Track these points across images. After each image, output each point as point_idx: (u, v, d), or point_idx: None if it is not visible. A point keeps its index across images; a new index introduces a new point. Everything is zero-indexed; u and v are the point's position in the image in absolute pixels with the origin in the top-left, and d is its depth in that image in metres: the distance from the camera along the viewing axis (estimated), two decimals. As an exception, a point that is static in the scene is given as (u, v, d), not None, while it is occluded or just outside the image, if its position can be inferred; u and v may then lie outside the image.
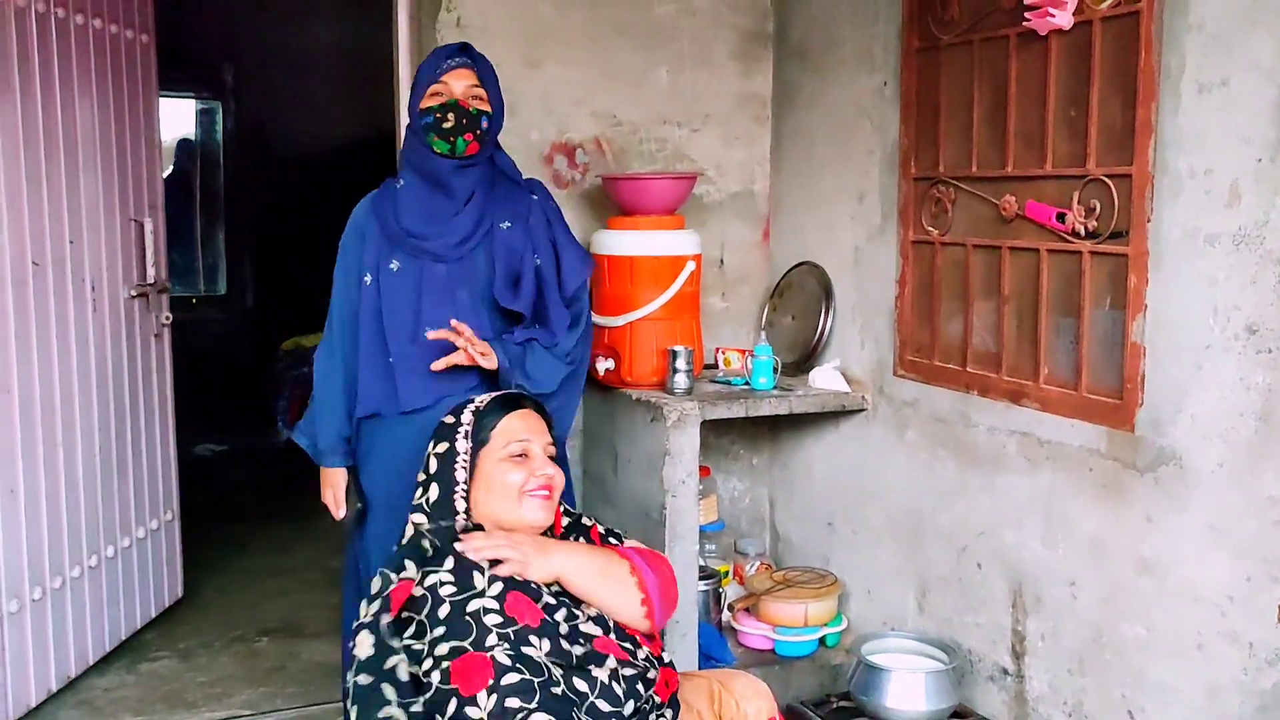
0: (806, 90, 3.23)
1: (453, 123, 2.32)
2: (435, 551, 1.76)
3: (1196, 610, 2.07)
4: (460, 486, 1.87)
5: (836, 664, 2.92)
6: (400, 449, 2.31)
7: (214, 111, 6.62)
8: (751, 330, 3.43)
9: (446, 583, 1.71)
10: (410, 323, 2.33)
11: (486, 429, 1.88)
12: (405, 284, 2.35)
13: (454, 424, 1.91)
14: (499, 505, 1.85)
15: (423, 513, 1.87)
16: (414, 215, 2.37)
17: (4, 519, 2.78)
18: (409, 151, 2.42)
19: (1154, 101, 2.09)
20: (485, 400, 1.94)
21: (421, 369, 2.31)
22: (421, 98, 2.35)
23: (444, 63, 2.36)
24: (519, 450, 1.87)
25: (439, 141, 2.33)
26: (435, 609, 1.68)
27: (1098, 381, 2.26)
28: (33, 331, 2.88)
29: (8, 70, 2.77)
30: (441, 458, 1.89)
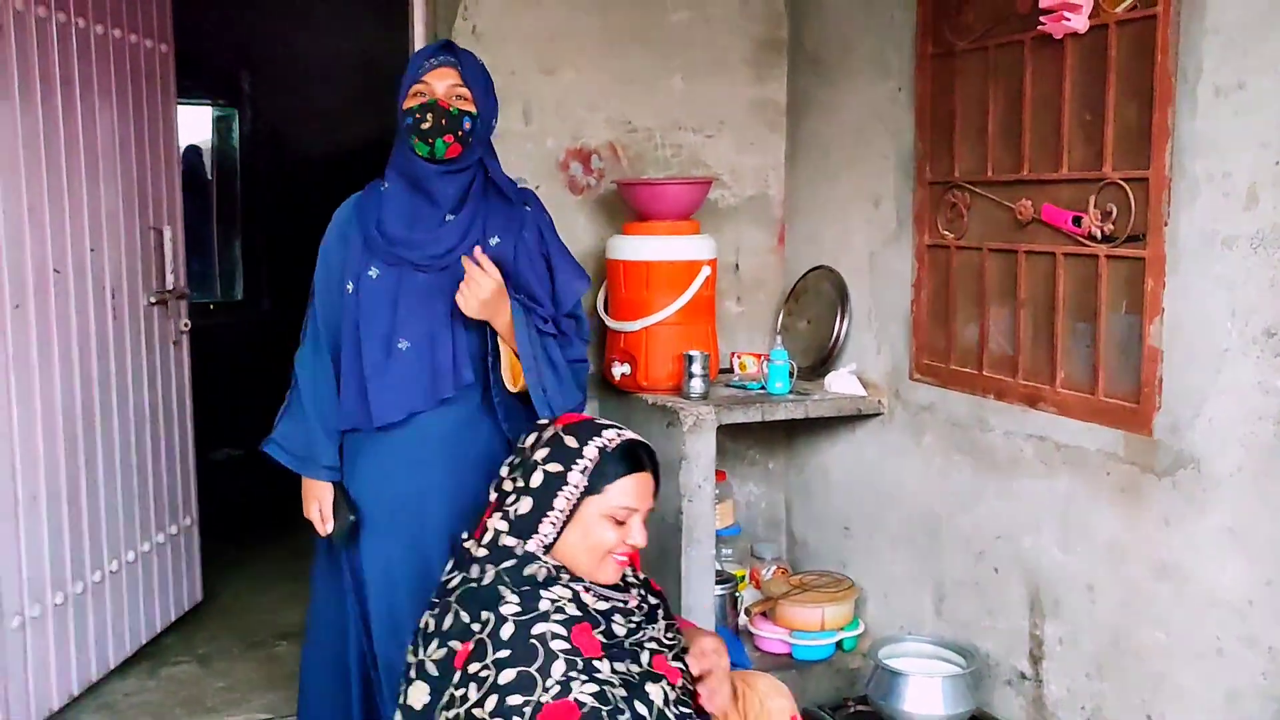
0: (821, 96, 3.24)
1: (430, 123, 2.18)
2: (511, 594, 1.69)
3: (1216, 614, 2.07)
4: (557, 514, 1.78)
5: (853, 668, 2.92)
6: (384, 464, 2.24)
7: (230, 118, 6.66)
8: (767, 335, 3.43)
9: (509, 601, 1.67)
10: (385, 334, 2.20)
11: (606, 478, 1.79)
12: (383, 292, 2.22)
13: (575, 450, 1.81)
14: (581, 554, 1.79)
15: (506, 520, 1.80)
16: (395, 221, 2.24)
17: (26, 525, 2.80)
18: (395, 153, 2.29)
19: (1171, 105, 2.08)
20: (615, 443, 1.82)
21: (394, 383, 2.19)
22: (405, 97, 2.22)
23: (425, 61, 2.23)
24: (623, 516, 1.81)
25: (419, 144, 2.19)
26: (498, 629, 1.64)
27: (1115, 385, 2.26)
28: (54, 338, 2.91)
29: (29, 79, 2.80)
30: (550, 477, 1.79)
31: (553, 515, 1.78)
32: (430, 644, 1.70)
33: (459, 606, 1.70)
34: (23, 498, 2.79)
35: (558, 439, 1.83)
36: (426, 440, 2.23)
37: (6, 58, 2.72)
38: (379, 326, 2.21)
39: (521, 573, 1.72)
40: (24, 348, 2.79)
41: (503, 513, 1.81)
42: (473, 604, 1.69)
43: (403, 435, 2.22)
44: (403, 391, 2.20)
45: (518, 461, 1.87)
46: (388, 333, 2.21)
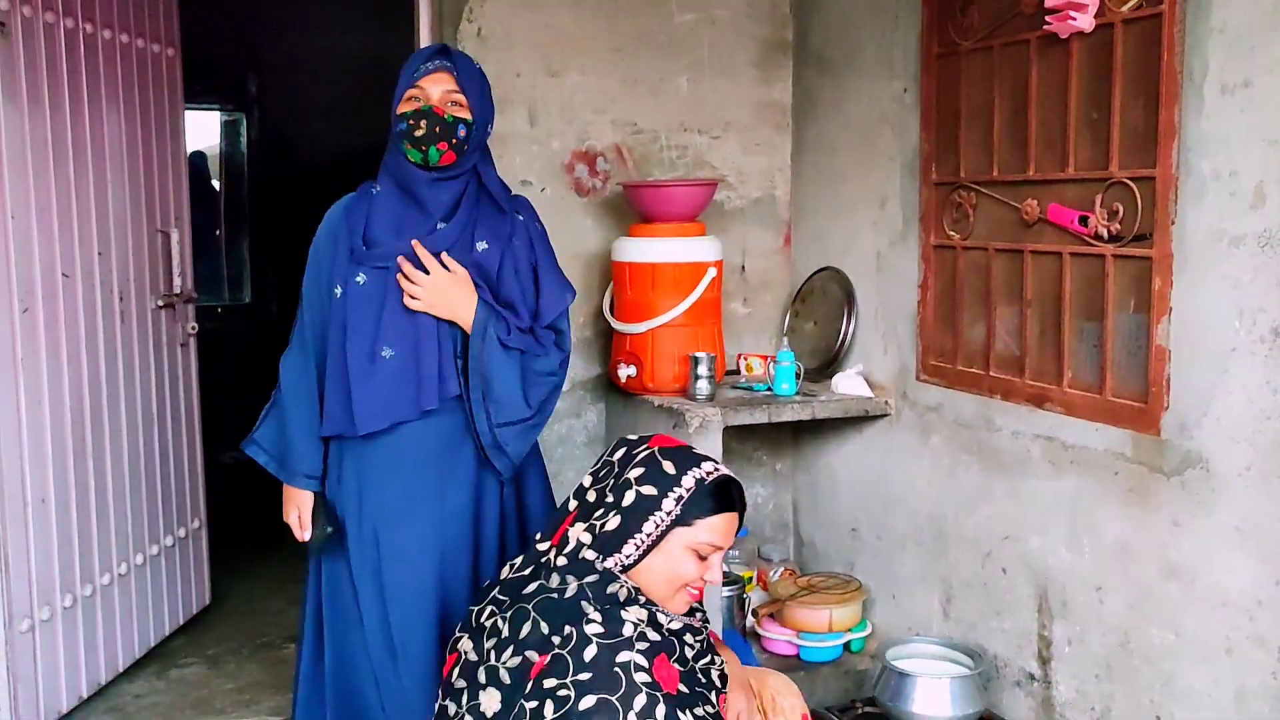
0: (827, 97, 3.24)
1: (424, 130, 2.13)
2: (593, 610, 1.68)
3: (1224, 614, 2.06)
4: (642, 538, 1.75)
5: (861, 669, 2.92)
6: (367, 473, 2.20)
7: (238, 122, 6.68)
8: (773, 336, 3.43)
9: (593, 620, 1.64)
10: (369, 341, 2.15)
11: (698, 511, 1.76)
12: (369, 299, 2.17)
13: (672, 477, 1.77)
14: (659, 582, 1.76)
15: (591, 533, 1.76)
16: (383, 227, 2.20)
17: (35, 527, 2.81)
18: (387, 156, 2.23)
19: (1177, 103, 2.08)
20: (712, 476, 1.79)
21: (377, 392, 2.14)
22: (399, 102, 2.17)
23: (421, 66, 2.17)
24: (706, 552, 1.79)
25: (411, 150, 2.14)
26: (580, 649, 1.61)
27: (1122, 385, 2.25)
28: (62, 342, 2.92)
29: (37, 84, 2.81)
30: (642, 499, 1.75)
31: (638, 538, 1.74)
32: (505, 650, 1.65)
33: (538, 615, 1.65)
34: (32, 500, 2.80)
35: (654, 460, 1.79)
36: (411, 451, 2.19)
37: (15, 62, 2.73)
38: (364, 333, 2.16)
39: (605, 590, 1.69)
40: (32, 351, 2.80)
41: (588, 525, 1.77)
42: (554, 616, 1.65)
43: (387, 444, 2.18)
44: (387, 400, 2.14)
45: (604, 473, 1.83)
46: (372, 340, 2.15)
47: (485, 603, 1.81)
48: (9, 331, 2.72)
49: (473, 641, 1.76)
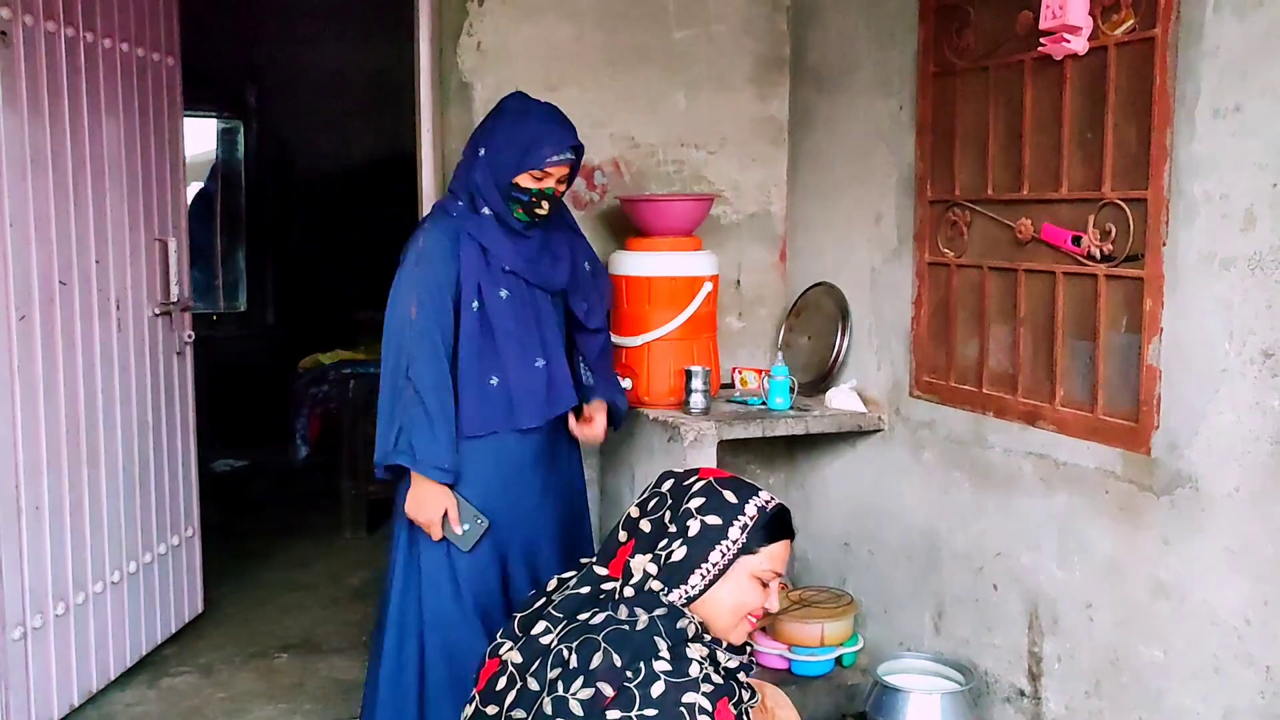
0: (823, 114, 3.26)
1: (545, 211, 2.49)
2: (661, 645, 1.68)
3: (1213, 633, 2.08)
4: (709, 568, 1.75)
5: (853, 684, 2.92)
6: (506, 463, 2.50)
7: (236, 131, 6.69)
8: (768, 350, 3.45)
9: (662, 657, 1.64)
10: (527, 344, 2.49)
11: (762, 540, 1.78)
12: (517, 313, 2.49)
13: (736, 507, 1.78)
14: (724, 612, 1.77)
15: (657, 564, 1.75)
16: (508, 253, 2.49)
17: (29, 535, 2.81)
18: (486, 191, 2.46)
19: (1169, 126, 2.10)
20: (771, 505, 1.82)
21: (534, 391, 2.49)
22: (520, 172, 2.42)
23: (554, 155, 2.43)
24: (769, 579, 1.81)
25: (522, 215, 2.48)
26: (648, 684, 1.60)
27: (1113, 404, 2.27)
28: (59, 349, 2.92)
29: (37, 93, 2.82)
30: (707, 529, 1.75)
31: (704, 568, 1.75)
32: (574, 680, 1.63)
33: (610, 647, 1.65)
34: (26, 507, 2.80)
35: (714, 490, 1.79)
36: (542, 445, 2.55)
37: (15, 71, 2.74)
38: (521, 343, 2.49)
39: (675, 625, 1.69)
40: (29, 358, 2.80)
41: (652, 555, 1.76)
42: (625, 649, 1.64)
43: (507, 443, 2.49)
44: (545, 401, 2.51)
45: (655, 504, 1.82)
46: (528, 351, 2.50)
47: (534, 614, 1.80)
48: (6, 339, 2.72)
49: (522, 655, 1.74)
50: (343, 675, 3.39)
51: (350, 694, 3.25)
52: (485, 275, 2.46)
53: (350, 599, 4.08)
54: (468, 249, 2.46)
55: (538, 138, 2.43)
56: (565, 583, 1.86)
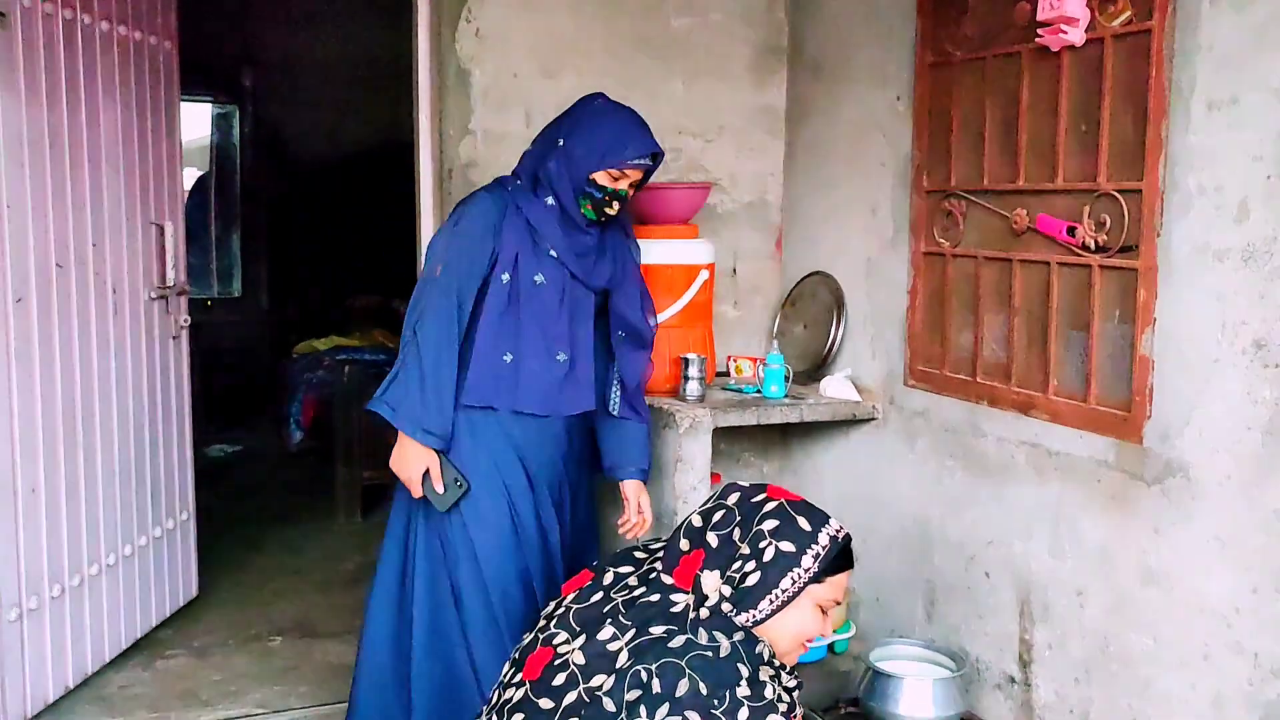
0: (820, 104, 3.27)
1: (615, 210, 2.49)
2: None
3: (1203, 621, 2.10)
4: (778, 594, 1.75)
5: (845, 671, 2.94)
6: (501, 444, 2.45)
7: (231, 116, 6.68)
8: (763, 339, 3.46)
9: (743, 681, 1.66)
10: (553, 335, 2.46)
11: (829, 570, 1.79)
12: (548, 300, 2.46)
13: (809, 534, 1.78)
14: (787, 637, 1.78)
15: (730, 586, 1.75)
16: (559, 238, 2.47)
17: (25, 517, 2.82)
18: (558, 182, 2.45)
19: (1165, 118, 2.12)
20: (841, 534, 1.83)
21: (545, 385, 2.45)
22: (599, 168, 2.42)
23: (635, 158, 2.44)
24: (829, 607, 1.82)
25: (590, 212, 2.47)
26: (733, 711, 1.62)
27: (1106, 394, 2.29)
28: (55, 332, 2.93)
29: (35, 75, 2.82)
30: (781, 555, 1.75)
31: (774, 594, 1.75)
32: (659, 707, 1.63)
33: (695, 675, 1.65)
34: (22, 490, 2.81)
35: (786, 514, 1.79)
36: (554, 434, 2.51)
37: (14, 53, 2.74)
38: (544, 332, 2.45)
39: (754, 650, 1.71)
40: (25, 341, 2.81)
41: (725, 576, 1.76)
42: (711, 676, 1.65)
43: (529, 424, 2.47)
44: (556, 396, 2.47)
45: (722, 519, 1.81)
46: (551, 341, 2.46)
47: (595, 611, 1.80)
48: (2, 321, 2.72)
49: (585, 657, 1.73)
50: (337, 659, 3.40)
51: (345, 677, 3.25)
52: (527, 254, 2.44)
53: (344, 584, 4.09)
54: (514, 223, 2.44)
55: (622, 137, 2.44)
56: (623, 579, 1.85)
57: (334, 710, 3.05)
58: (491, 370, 2.42)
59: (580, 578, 1.93)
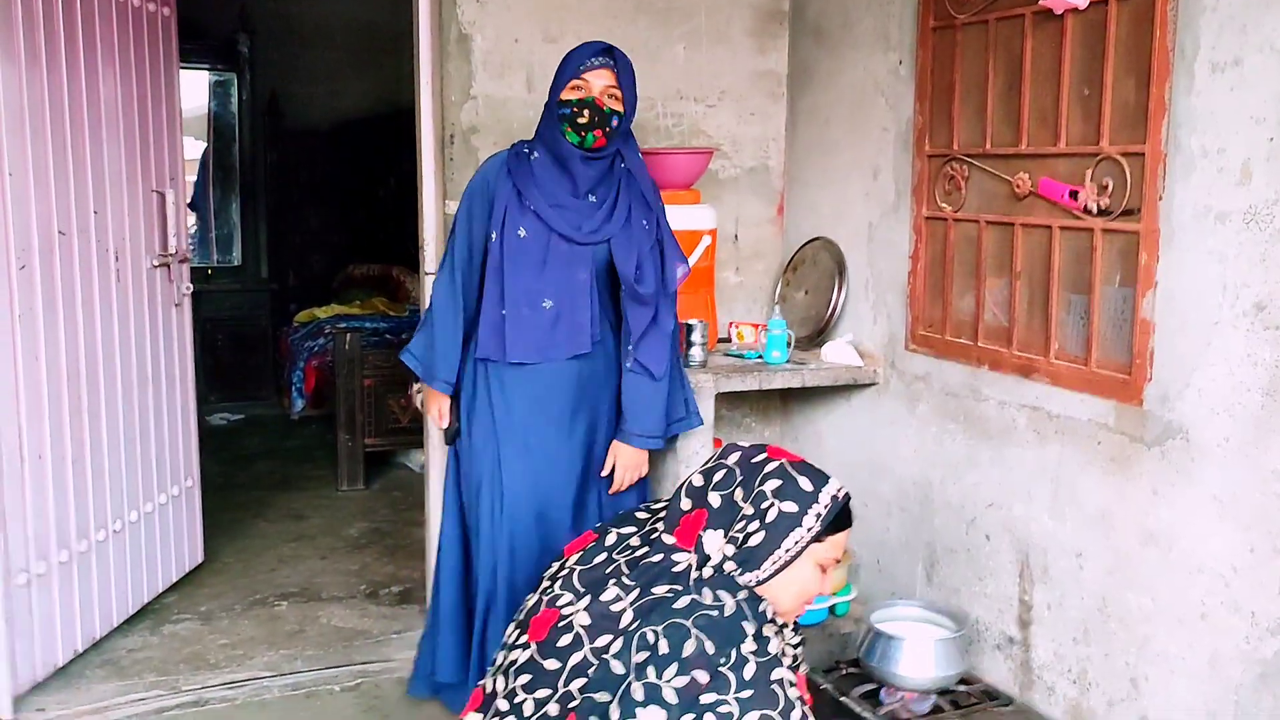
0: (822, 68, 3.26)
1: (587, 119, 2.48)
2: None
3: (1201, 581, 2.12)
4: (782, 553, 1.77)
5: (845, 633, 2.97)
6: (512, 389, 2.58)
7: (229, 84, 6.64)
8: (765, 305, 3.47)
9: (749, 637, 1.67)
10: (531, 290, 2.53)
11: (830, 529, 1.81)
12: (530, 252, 2.53)
13: (811, 494, 1.80)
14: (790, 596, 1.80)
15: (734, 545, 1.77)
16: (543, 193, 2.54)
17: (32, 483, 2.84)
18: (544, 128, 2.57)
19: (1168, 81, 2.12)
20: (841, 494, 1.84)
21: (535, 334, 2.54)
22: (564, 87, 2.50)
23: (588, 60, 2.50)
24: (830, 566, 1.84)
25: (571, 133, 2.49)
26: (740, 666, 1.63)
27: (1107, 356, 2.30)
28: (59, 299, 2.93)
29: (34, 40, 2.81)
30: (784, 515, 1.77)
31: (778, 553, 1.77)
32: (667, 667, 1.63)
33: (702, 634, 1.66)
34: (28, 456, 2.82)
35: (788, 475, 1.81)
36: (549, 380, 2.57)
37: (13, 19, 2.72)
38: (525, 282, 2.53)
39: (758, 608, 1.73)
40: (29, 308, 2.81)
41: (729, 536, 1.78)
42: (717, 635, 1.67)
43: (531, 374, 2.56)
44: (542, 343, 2.54)
45: (723, 479, 1.82)
46: (533, 290, 2.52)
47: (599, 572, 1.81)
48: (6, 288, 2.73)
49: (590, 618, 1.75)
50: (341, 623, 3.43)
51: (350, 641, 3.30)
52: (513, 212, 2.54)
53: (348, 550, 4.12)
54: (503, 185, 2.56)
55: (574, 53, 2.54)
56: (625, 540, 1.87)
57: (340, 673, 3.09)
58: (491, 325, 2.56)
59: (583, 539, 1.95)
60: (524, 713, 1.75)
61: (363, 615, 3.50)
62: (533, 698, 1.75)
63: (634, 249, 2.56)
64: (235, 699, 2.94)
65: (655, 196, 2.66)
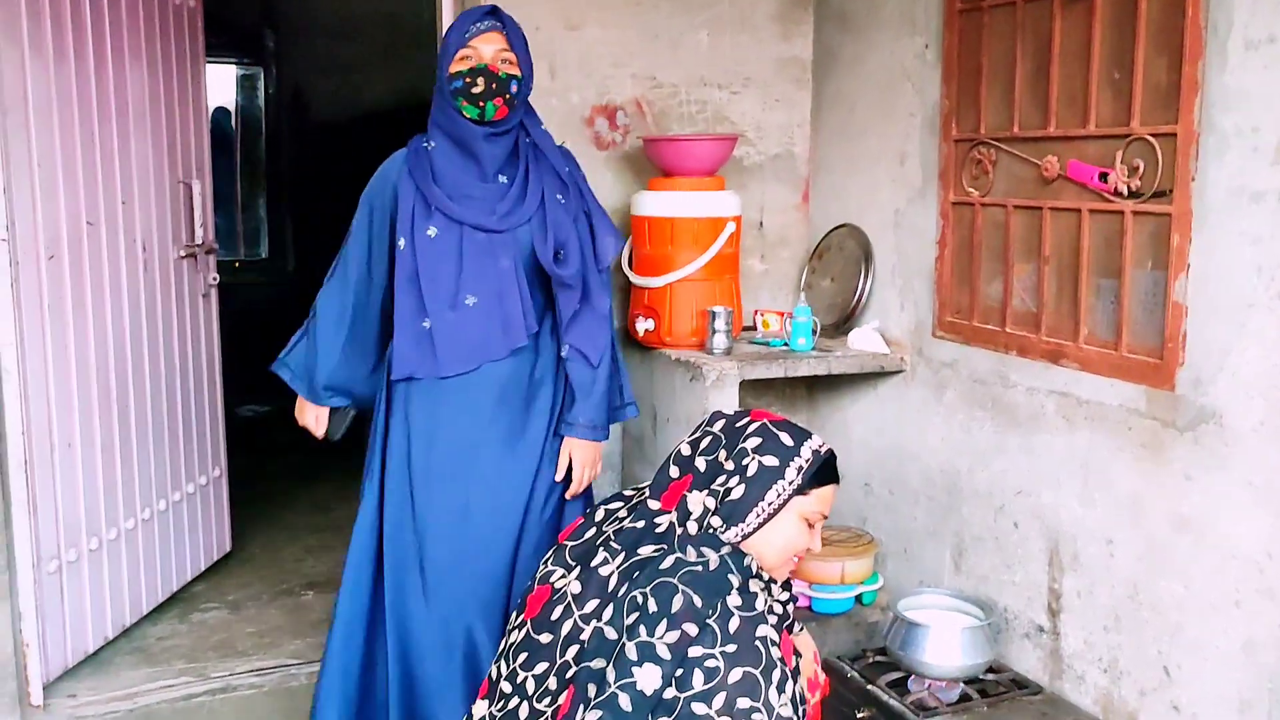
0: (847, 53, 3.23)
1: (482, 87, 2.26)
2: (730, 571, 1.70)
3: (1234, 567, 2.09)
4: (764, 507, 1.77)
5: (873, 621, 2.96)
6: (441, 411, 2.36)
7: (255, 77, 6.68)
8: (790, 293, 3.45)
9: (734, 591, 1.67)
10: (450, 290, 2.32)
11: (814, 483, 1.81)
12: (443, 251, 2.32)
13: (791, 449, 1.80)
14: (774, 550, 1.80)
15: (715, 499, 1.77)
16: (448, 182, 2.34)
17: (62, 471, 2.86)
18: (437, 113, 2.36)
19: (1200, 59, 2.08)
20: (825, 448, 1.84)
21: (464, 336, 2.32)
22: (451, 61, 2.29)
23: (472, 26, 2.29)
24: (815, 520, 1.84)
25: (468, 106, 2.28)
26: (725, 620, 1.64)
27: (1138, 341, 2.27)
28: (87, 289, 2.95)
29: (63, 33, 2.83)
30: (764, 469, 1.78)
31: (760, 506, 1.77)
32: (657, 625, 1.63)
33: (688, 589, 1.66)
34: (58, 444, 2.85)
35: (769, 433, 1.81)
36: (487, 387, 2.36)
37: (41, 12, 2.74)
38: (443, 283, 2.32)
39: (742, 562, 1.73)
40: (58, 298, 2.84)
41: (710, 492, 1.79)
42: (702, 588, 1.67)
43: (460, 385, 2.34)
44: (474, 344, 2.33)
45: (709, 444, 1.83)
46: (453, 289, 2.32)
47: (589, 545, 1.81)
48: (35, 278, 2.75)
49: (581, 585, 1.75)
50: (369, 612, 3.45)
51: (377, 629, 3.31)
52: (419, 213, 2.33)
53: (375, 540, 4.13)
54: (405, 188, 2.35)
55: (457, 22, 2.34)
56: (613, 514, 1.87)
57: (367, 661, 3.09)
58: (413, 338, 2.34)
59: (574, 524, 1.96)
60: (527, 691, 1.75)
61: (389, 604, 3.51)
62: (532, 675, 1.75)
63: (550, 231, 2.34)
64: (263, 686, 2.96)
65: (571, 166, 2.45)
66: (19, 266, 2.68)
